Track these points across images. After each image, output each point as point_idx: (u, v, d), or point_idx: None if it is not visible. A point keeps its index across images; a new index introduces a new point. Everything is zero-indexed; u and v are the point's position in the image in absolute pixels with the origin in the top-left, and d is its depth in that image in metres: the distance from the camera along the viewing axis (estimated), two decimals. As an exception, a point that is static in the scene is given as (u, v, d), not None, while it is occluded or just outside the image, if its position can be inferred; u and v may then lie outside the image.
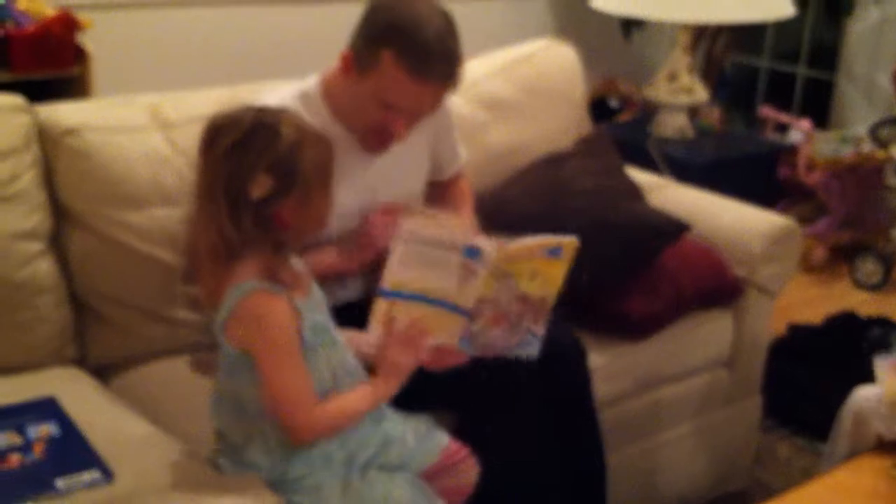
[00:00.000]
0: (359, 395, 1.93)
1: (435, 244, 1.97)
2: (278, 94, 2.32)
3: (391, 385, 1.95)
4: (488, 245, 1.98)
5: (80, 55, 3.38)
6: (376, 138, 2.28)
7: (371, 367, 1.99)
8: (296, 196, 1.80)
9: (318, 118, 2.22)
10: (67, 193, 2.33)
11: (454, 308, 2.01)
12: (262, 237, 1.79)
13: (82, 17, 3.40)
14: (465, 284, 1.98)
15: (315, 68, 2.43)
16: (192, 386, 2.31)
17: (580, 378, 2.38)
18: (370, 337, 2.00)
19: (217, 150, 1.79)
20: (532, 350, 2.12)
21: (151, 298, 2.39)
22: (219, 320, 1.85)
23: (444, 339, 2.03)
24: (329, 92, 2.31)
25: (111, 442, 1.97)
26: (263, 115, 1.83)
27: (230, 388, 1.93)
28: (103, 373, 2.37)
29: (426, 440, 2.04)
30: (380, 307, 1.99)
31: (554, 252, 2.05)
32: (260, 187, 1.77)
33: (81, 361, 2.37)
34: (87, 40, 3.40)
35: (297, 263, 1.93)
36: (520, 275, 2.03)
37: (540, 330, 2.12)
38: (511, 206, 2.78)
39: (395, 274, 1.97)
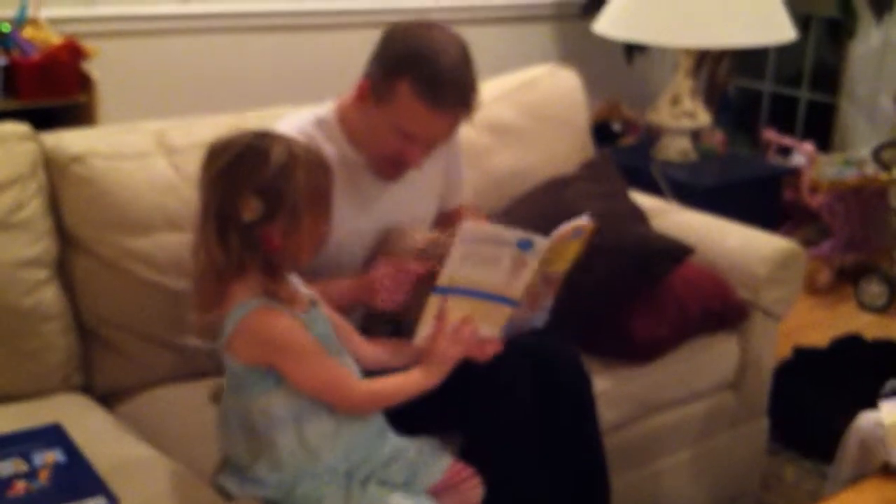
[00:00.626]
0: (405, 378, 1.98)
1: (490, 241, 2.03)
2: (294, 119, 2.33)
3: (435, 375, 2.00)
4: (540, 237, 2.05)
5: (85, 83, 3.39)
6: (391, 166, 2.29)
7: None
8: (284, 219, 1.81)
9: (334, 143, 2.25)
10: (73, 220, 2.34)
11: (503, 300, 2.09)
12: (252, 259, 1.82)
13: (88, 45, 3.41)
14: (516, 276, 2.06)
15: (321, 95, 2.44)
16: (198, 412, 2.30)
17: (585, 403, 2.38)
18: (421, 331, 2.07)
19: (211, 172, 1.82)
20: (540, 322, 2.23)
21: (157, 325, 2.40)
22: (222, 339, 1.87)
23: (489, 330, 2.10)
24: (345, 118, 2.32)
25: (116, 468, 1.97)
26: (256, 138, 1.85)
27: (237, 405, 1.94)
28: (109, 399, 2.37)
29: (430, 459, 2.06)
30: (433, 303, 2.05)
31: (576, 233, 2.15)
32: (249, 210, 1.79)
33: (87, 388, 2.38)
34: (93, 68, 3.41)
35: (296, 283, 1.95)
36: (548, 259, 2.12)
37: (549, 302, 2.23)
38: (516, 222, 2.78)
39: (450, 271, 2.04)
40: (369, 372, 2.01)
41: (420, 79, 2.13)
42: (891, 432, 2.27)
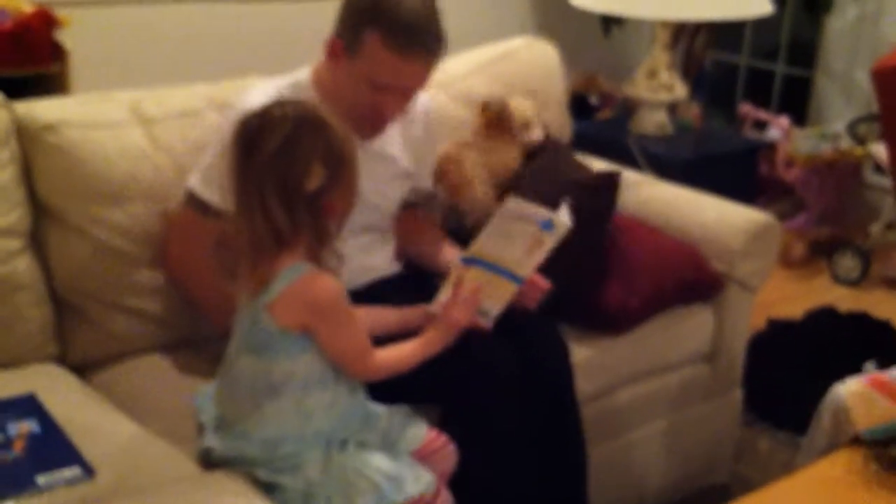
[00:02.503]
0: (415, 345, 2.05)
1: (521, 218, 2.11)
2: (269, 85, 2.33)
3: (444, 338, 2.07)
4: (560, 218, 2.13)
5: (58, 52, 3.36)
6: (369, 122, 2.31)
7: None
8: (344, 183, 1.89)
9: None
10: (46, 190, 2.32)
11: (513, 277, 2.14)
12: (311, 226, 1.86)
13: (60, 13, 3.38)
14: (531, 255, 2.12)
15: (296, 63, 2.43)
16: (173, 381, 2.31)
17: (563, 375, 2.39)
18: (440, 297, 2.17)
19: (265, 149, 1.83)
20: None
21: (131, 294, 2.39)
22: (264, 301, 1.88)
23: (492, 304, 2.15)
24: (319, 81, 2.33)
25: (91, 438, 1.97)
26: (301, 108, 1.88)
27: (254, 366, 1.94)
28: (83, 370, 2.36)
29: (405, 426, 2.08)
30: (454, 271, 2.18)
31: (546, 225, 2.15)
32: (315, 178, 1.84)
33: (62, 359, 2.36)
34: (66, 37, 3.38)
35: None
36: None
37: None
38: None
39: (480, 243, 2.12)
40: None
41: (385, 26, 2.16)
42: (852, 402, 2.28)
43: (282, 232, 1.84)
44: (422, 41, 2.19)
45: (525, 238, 2.11)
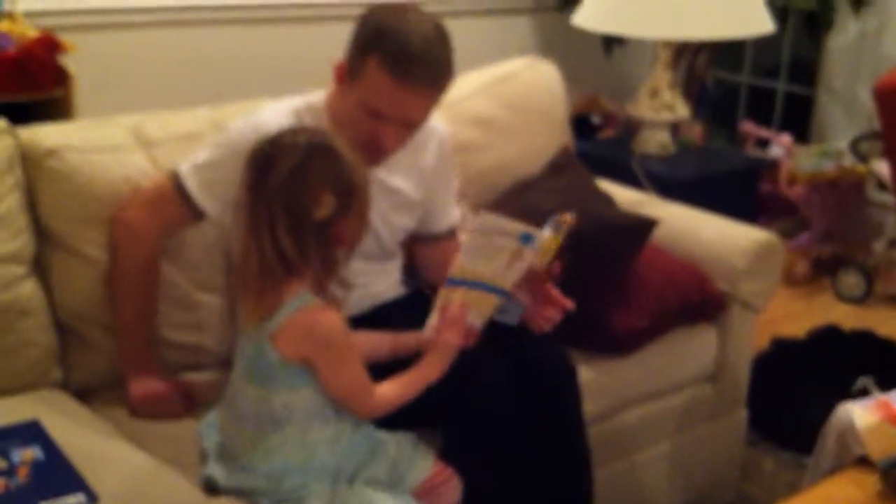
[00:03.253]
0: (413, 375, 2.02)
1: (498, 232, 2.07)
2: (284, 104, 2.33)
3: (441, 362, 2.04)
4: (539, 232, 2.11)
5: (62, 77, 3.37)
6: (367, 150, 2.22)
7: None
8: (355, 212, 1.90)
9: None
10: (50, 215, 2.32)
11: (495, 290, 2.12)
12: (317, 254, 1.87)
13: (64, 38, 3.39)
14: (511, 268, 2.09)
15: (300, 88, 2.43)
16: (177, 407, 2.30)
17: (570, 398, 2.38)
18: (430, 321, 2.11)
19: (276, 175, 1.84)
20: (513, 319, 2.27)
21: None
22: (268, 329, 1.88)
23: (476, 319, 2.12)
24: (331, 106, 2.31)
25: (95, 464, 1.97)
26: (314, 136, 1.90)
27: (256, 394, 1.95)
28: (87, 395, 2.35)
29: (413, 457, 2.07)
30: (441, 294, 2.12)
31: (556, 228, 2.19)
32: (324, 207, 1.85)
33: (65, 384, 2.36)
34: (69, 62, 3.39)
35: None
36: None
37: (525, 300, 2.27)
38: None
39: (462, 262, 2.09)
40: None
41: (387, 53, 2.12)
42: (865, 433, 2.27)
43: (290, 259, 1.84)
44: (422, 71, 2.15)
45: (504, 252, 2.07)
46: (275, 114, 2.26)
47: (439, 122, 2.48)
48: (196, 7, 4.25)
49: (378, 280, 2.47)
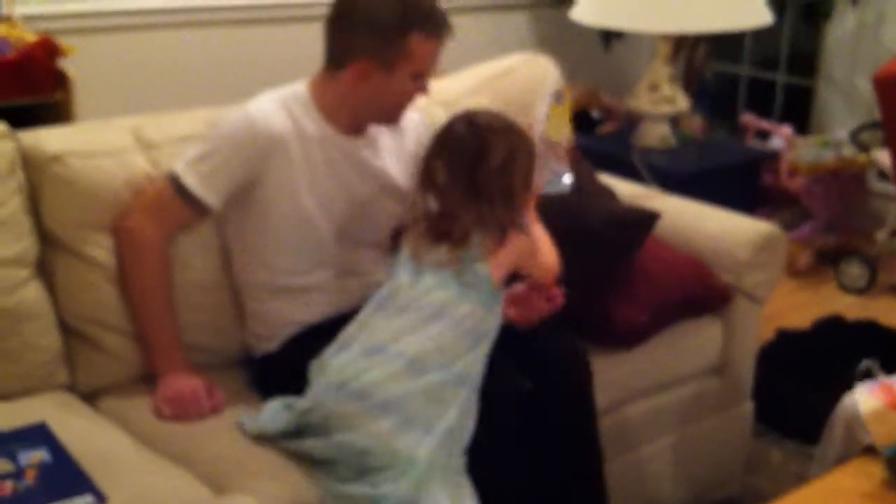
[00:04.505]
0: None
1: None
2: (269, 95, 2.37)
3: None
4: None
5: (61, 80, 3.37)
6: (395, 117, 2.42)
7: None
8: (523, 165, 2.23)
9: (311, 119, 2.33)
10: (53, 219, 2.32)
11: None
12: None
13: (63, 42, 3.39)
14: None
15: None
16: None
17: (586, 392, 2.40)
18: None
19: (493, 159, 2.17)
20: (561, 188, 2.50)
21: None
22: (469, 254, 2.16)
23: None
24: (320, 95, 2.36)
25: (103, 466, 1.97)
26: (509, 123, 2.26)
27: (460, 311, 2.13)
28: (93, 397, 2.36)
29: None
30: None
31: (557, 98, 2.51)
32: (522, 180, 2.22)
33: (71, 387, 2.36)
34: (69, 65, 3.40)
35: None
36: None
37: (564, 169, 2.52)
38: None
39: None
40: None
41: (425, 23, 2.27)
42: (868, 419, 2.27)
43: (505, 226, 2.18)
44: (445, 20, 2.32)
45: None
46: (263, 104, 2.33)
47: (416, 112, 2.54)
48: (194, 9, 4.25)
49: (381, 269, 2.48)
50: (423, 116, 2.61)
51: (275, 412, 2.17)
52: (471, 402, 2.11)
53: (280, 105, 2.33)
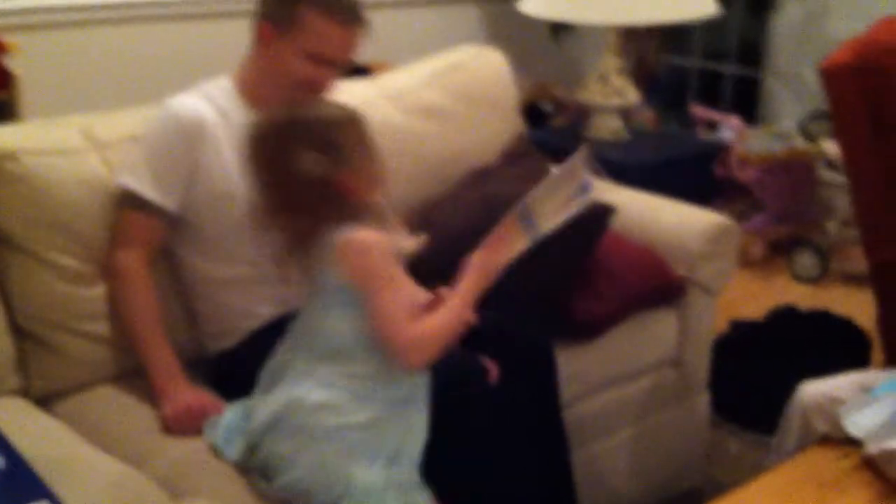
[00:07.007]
0: (452, 303, 2.02)
1: (573, 173, 2.09)
2: (186, 93, 2.40)
3: (481, 283, 2.04)
4: (592, 189, 2.12)
5: (6, 78, 3.32)
6: (301, 89, 2.33)
7: None
8: (353, 163, 1.97)
9: (237, 108, 2.36)
10: (5, 218, 2.29)
11: (531, 226, 2.08)
12: (338, 208, 1.95)
13: (8, 39, 3.34)
14: (557, 213, 2.09)
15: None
16: (138, 409, 2.28)
17: (552, 385, 2.41)
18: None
19: (262, 157, 1.99)
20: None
21: (94, 322, 2.36)
22: (324, 257, 1.96)
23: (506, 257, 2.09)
24: (244, 83, 2.40)
25: (59, 471, 1.93)
26: (277, 114, 2.04)
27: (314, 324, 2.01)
28: (47, 402, 2.33)
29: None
30: (503, 220, 2.08)
31: (584, 188, 2.15)
32: (315, 165, 1.94)
33: (25, 391, 2.33)
34: (13, 63, 3.35)
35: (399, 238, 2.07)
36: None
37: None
38: (440, 227, 2.77)
39: (532, 193, 2.06)
40: None
41: (321, 1, 2.26)
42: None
43: (306, 221, 1.95)
44: (354, 10, 2.31)
45: (566, 194, 2.08)
46: (183, 98, 2.37)
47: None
48: (139, 3, 4.20)
49: None
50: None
51: (231, 430, 2.12)
52: (416, 417, 2.04)
53: (201, 96, 2.37)
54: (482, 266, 2.04)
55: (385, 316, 1.94)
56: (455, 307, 2.00)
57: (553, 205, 2.07)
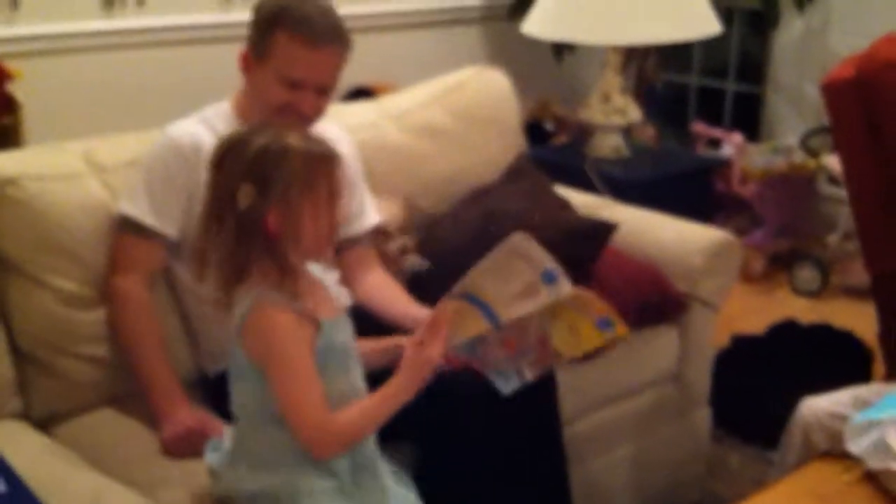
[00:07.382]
0: (381, 397, 1.88)
1: (522, 257, 1.94)
2: (184, 119, 2.43)
3: (417, 380, 1.89)
4: (566, 280, 1.95)
5: (10, 105, 3.34)
6: (279, 114, 2.30)
7: None
8: (282, 202, 1.82)
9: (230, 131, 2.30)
10: (6, 243, 2.30)
11: (490, 315, 1.96)
12: (255, 247, 1.83)
13: (11, 66, 3.36)
14: (520, 302, 1.95)
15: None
16: (138, 432, 2.28)
17: (552, 402, 2.40)
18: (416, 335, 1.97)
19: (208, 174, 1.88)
20: (507, 388, 2.04)
21: (94, 345, 2.37)
22: (234, 325, 1.87)
23: (455, 336, 1.96)
24: (240, 104, 2.43)
25: (60, 495, 1.94)
26: (232, 134, 1.93)
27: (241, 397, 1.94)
28: (48, 424, 2.33)
29: None
30: (438, 306, 1.97)
31: (605, 323, 2.03)
32: (245, 197, 1.81)
33: (25, 414, 2.33)
34: (17, 89, 3.37)
35: (334, 289, 1.97)
36: (561, 321, 2.01)
37: (530, 375, 2.05)
38: (442, 243, 2.79)
39: (470, 274, 1.95)
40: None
41: (292, 24, 2.27)
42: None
43: (226, 252, 1.83)
44: (327, 32, 2.29)
45: (522, 280, 1.94)
46: (181, 123, 2.41)
47: (343, 134, 2.56)
48: (141, 30, 4.22)
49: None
50: (346, 133, 2.61)
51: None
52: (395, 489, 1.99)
53: (199, 121, 2.40)
54: (412, 363, 1.89)
55: (287, 404, 1.83)
56: (375, 406, 1.88)
57: (506, 289, 1.94)
